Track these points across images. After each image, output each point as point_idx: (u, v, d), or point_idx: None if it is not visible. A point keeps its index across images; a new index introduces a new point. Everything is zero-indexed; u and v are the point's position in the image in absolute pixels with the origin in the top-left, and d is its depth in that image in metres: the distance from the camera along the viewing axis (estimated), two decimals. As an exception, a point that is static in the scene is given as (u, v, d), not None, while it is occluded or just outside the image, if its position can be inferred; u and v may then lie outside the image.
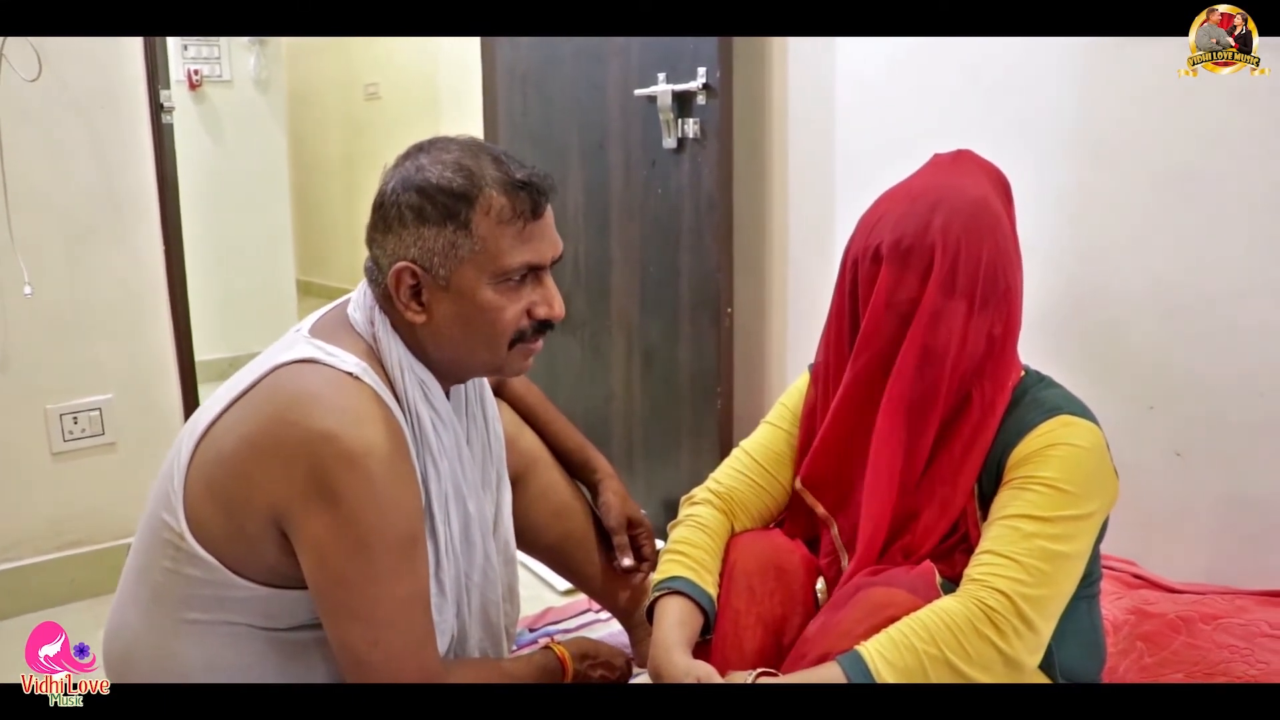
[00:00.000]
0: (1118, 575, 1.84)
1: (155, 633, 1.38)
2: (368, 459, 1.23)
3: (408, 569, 1.29)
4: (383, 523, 1.25)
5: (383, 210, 1.32)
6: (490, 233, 1.30)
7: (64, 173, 2.32)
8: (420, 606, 1.32)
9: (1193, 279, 1.78)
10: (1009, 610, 1.21)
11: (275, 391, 1.29)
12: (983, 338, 1.35)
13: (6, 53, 2.16)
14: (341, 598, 1.28)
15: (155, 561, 1.37)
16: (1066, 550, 1.27)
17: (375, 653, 1.28)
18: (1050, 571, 1.25)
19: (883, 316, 1.36)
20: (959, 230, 1.31)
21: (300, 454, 1.23)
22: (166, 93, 2.43)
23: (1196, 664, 1.58)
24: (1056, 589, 1.26)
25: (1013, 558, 1.25)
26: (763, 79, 2.50)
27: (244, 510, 1.29)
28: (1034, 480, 1.30)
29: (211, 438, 1.32)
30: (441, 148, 1.33)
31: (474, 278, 1.31)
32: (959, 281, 1.31)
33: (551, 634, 2.11)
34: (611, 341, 2.80)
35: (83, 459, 2.44)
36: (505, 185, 1.30)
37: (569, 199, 2.84)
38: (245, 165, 4.51)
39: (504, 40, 3.04)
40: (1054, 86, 1.93)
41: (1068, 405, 1.37)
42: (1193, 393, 1.80)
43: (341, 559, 1.25)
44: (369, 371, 1.31)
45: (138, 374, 2.47)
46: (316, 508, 1.24)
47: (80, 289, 2.38)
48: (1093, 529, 1.32)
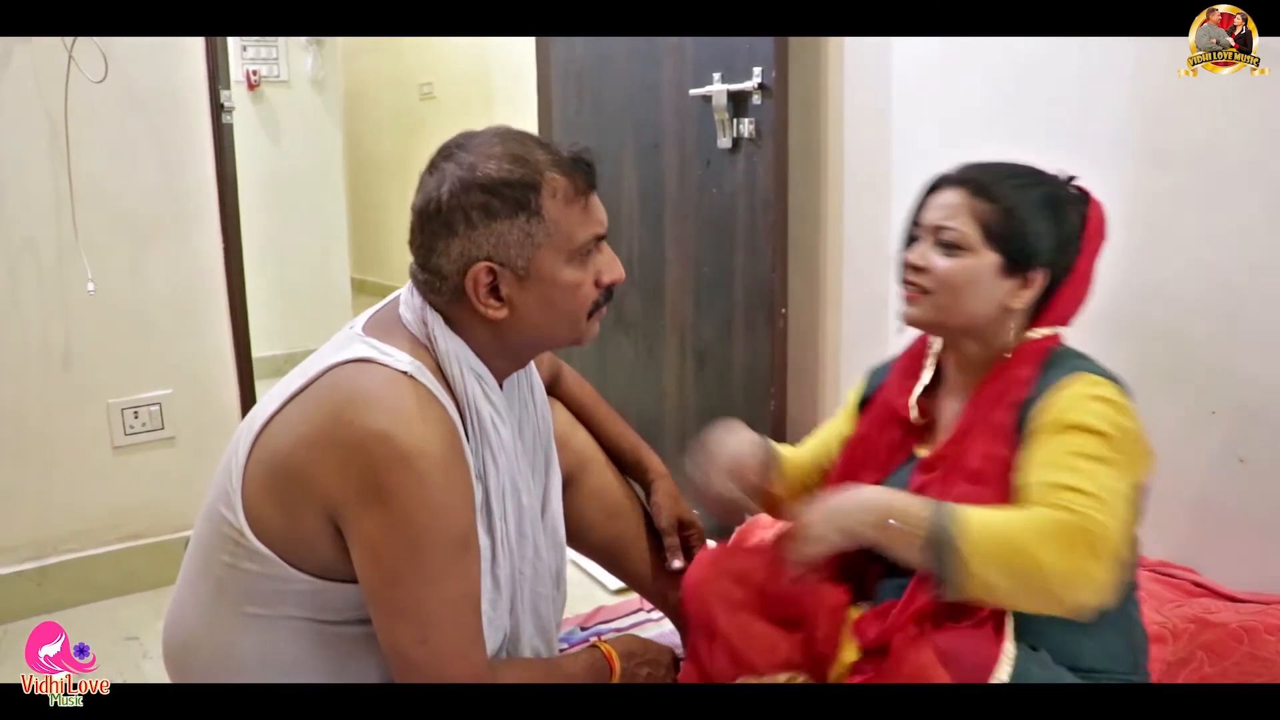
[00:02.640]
0: (1178, 583, 1.81)
1: (214, 626, 1.40)
2: (421, 459, 1.24)
3: (458, 570, 1.30)
4: (435, 523, 1.26)
5: (441, 215, 1.30)
6: (560, 214, 1.31)
7: (127, 172, 2.36)
8: (470, 607, 1.32)
9: (1257, 280, 1.74)
10: (1100, 531, 1.18)
11: (332, 391, 1.30)
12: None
13: (75, 54, 2.20)
14: (391, 597, 1.28)
15: (214, 556, 1.38)
16: (1124, 489, 1.24)
17: (423, 652, 1.28)
18: (1114, 505, 1.21)
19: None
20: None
21: (356, 453, 1.24)
22: (226, 93, 2.46)
23: (1260, 675, 1.55)
24: (1123, 525, 1.22)
25: (1081, 492, 1.21)
26: (818, 78, 2.49)
27: (300, 507, 1.30)
28: (1068, 428, 1.27)
29: (268, 435, 1.34)
30: (483, 144, 1.32)
31: (552, 259, 1.32)
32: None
33: (602, 633, 2.11)
34: (665, 341, 2.80)
35: (143, 453, 2.48)
36: (561, 165, 1.32)
37: (623, 199, 2.84)
38: (301, 164, 4.57)
39: (559, 40, 3.04)
40: (1113, 85, 1.90)
41: (1091, 367, 1.36)
42: (1256, 397, 1.77)
43: (393, 558, 1.26)
44: (423, 370, 1.31)
45: (197, 370, 2.51)
46: (370, 506, 1.25)
47: (141, 286, 2.42)
48: (1135, 476, 1.28)
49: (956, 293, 1.39)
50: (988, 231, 1.38)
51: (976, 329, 1.42)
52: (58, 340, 2.34)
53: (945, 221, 1.40)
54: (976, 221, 1.39)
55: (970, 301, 1.39)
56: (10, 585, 2.35)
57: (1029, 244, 1.38)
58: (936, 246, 1.41)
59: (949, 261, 1.39)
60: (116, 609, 2.42)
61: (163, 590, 2.37)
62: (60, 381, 2.36)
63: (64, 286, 2.32)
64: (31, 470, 2.37)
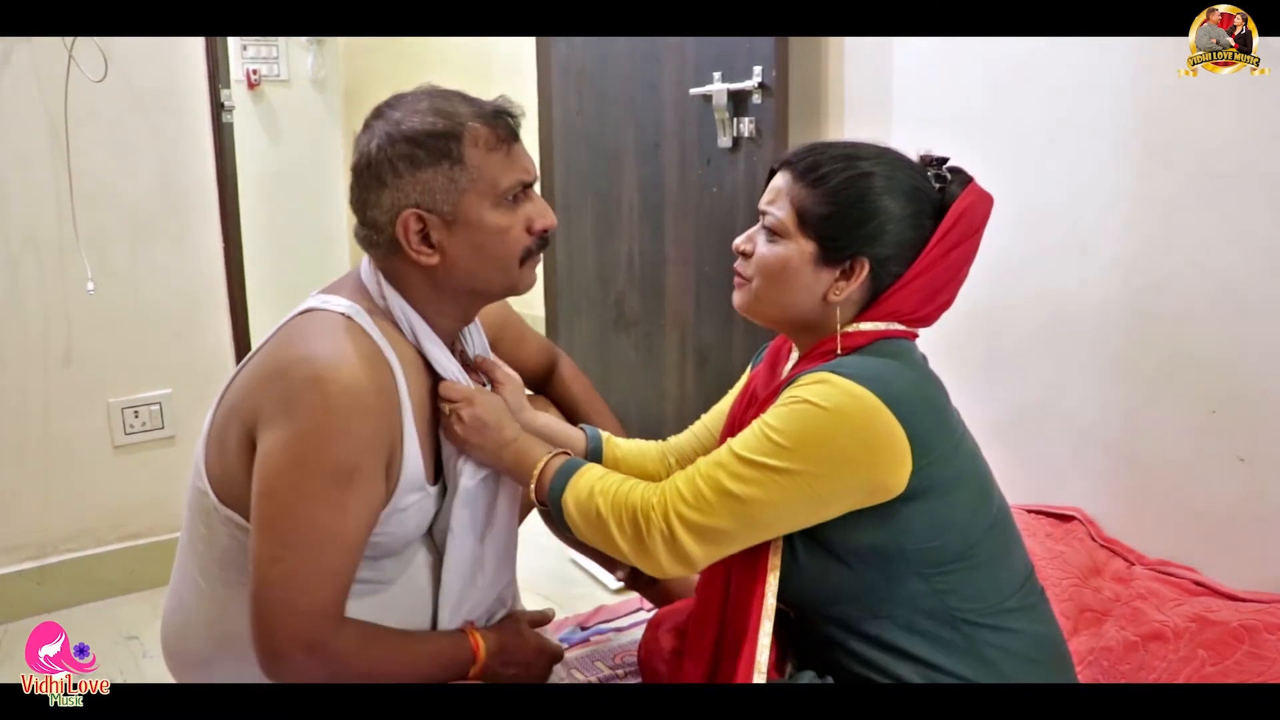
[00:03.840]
0: (1178, 582, 1.81)
1: (205, 604, 1.43)
2: (331, 384, 1.27)
3: (335, 501, 1.30)
4: (324, 446, 1.28)
5: (371, 169, 1.37)
6: (482, 160, 1.36)
7: (127, 171, 2.36)
8: (336, 546, 1.31)
9: (1257, 280, 1.74)
10: (661, 517, 1.27)
11: (273, 341, 1.39)
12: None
13: (75, 54, 2.20)
14: (266, 509, 1.29)
15: (196, 532, 1.42)
16: (739, 492, 1.24)
17: (276, 570, 1.28)
18: (714, 502, 1.25)
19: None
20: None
21: (280, 376, 1.31)
22: (227, 92, 2.46)
23: (1260, 674, 1.55)
24: (715, 521, 1.25)
25: (692, 476, 1.28)
26: (818, 78, 2.49)
27: (231, 440, 1.35)
28: (760, 421, 1.27)
29: (224, 397, 1.42)
30: (409, 101, 1.40)
31: (477, 204, 1.37)
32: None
33: (604, 631, 2.11)
34: (665, 340, 2.80)
35: (143, 452, 2.48)
36: (483, 116, 1.38)
37: (623, 198, 2.84)
38: (301, 163, 4.57)
39: (559, 39, 3.04)
40: (1113, 85, 1.90)
41: (844, 368, 1.25)
42: (1257, 396, 1.77)
43: (276, 471, 1.28)
44: (361, 313, 1.37)
45: (197, 369, 2.50)
46: (277, 422, 1.29)
47: (142, 286, 2.41)
48: (792, 487, 1.22)
49: (772, 281, 1.34)
50: (802, 218, 1.31)
51: (799, 319, 1.36)
52: (58, 340, 2.34)
53: (768, 206, 1.35)
54: (794, 207, 1.32)
55: (785, 291, 1.34)
56: (10, 585, 2.35)
57: (846, 232, 1.30)
58: (762, 232, 1.36)
59: (767, 248, 1.34)
60: (116, 608, 2.42)
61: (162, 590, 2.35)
62: (60, 381, 2.36)
63: (64, 286, 2.31)
64: (31, 470, 2.37)
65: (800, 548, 1.30)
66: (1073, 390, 2.06)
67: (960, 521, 1.28)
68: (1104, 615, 1.80)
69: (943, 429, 1.28)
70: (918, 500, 1.24)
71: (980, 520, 1.30)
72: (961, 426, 1.34)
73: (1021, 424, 2.17)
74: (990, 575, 1.31)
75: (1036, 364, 2.13)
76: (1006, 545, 1.35)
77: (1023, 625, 1.31)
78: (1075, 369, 2.05)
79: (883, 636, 1.29)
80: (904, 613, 1.28)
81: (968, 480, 1.30)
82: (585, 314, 3.14)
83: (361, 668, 1.33)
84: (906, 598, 1.27)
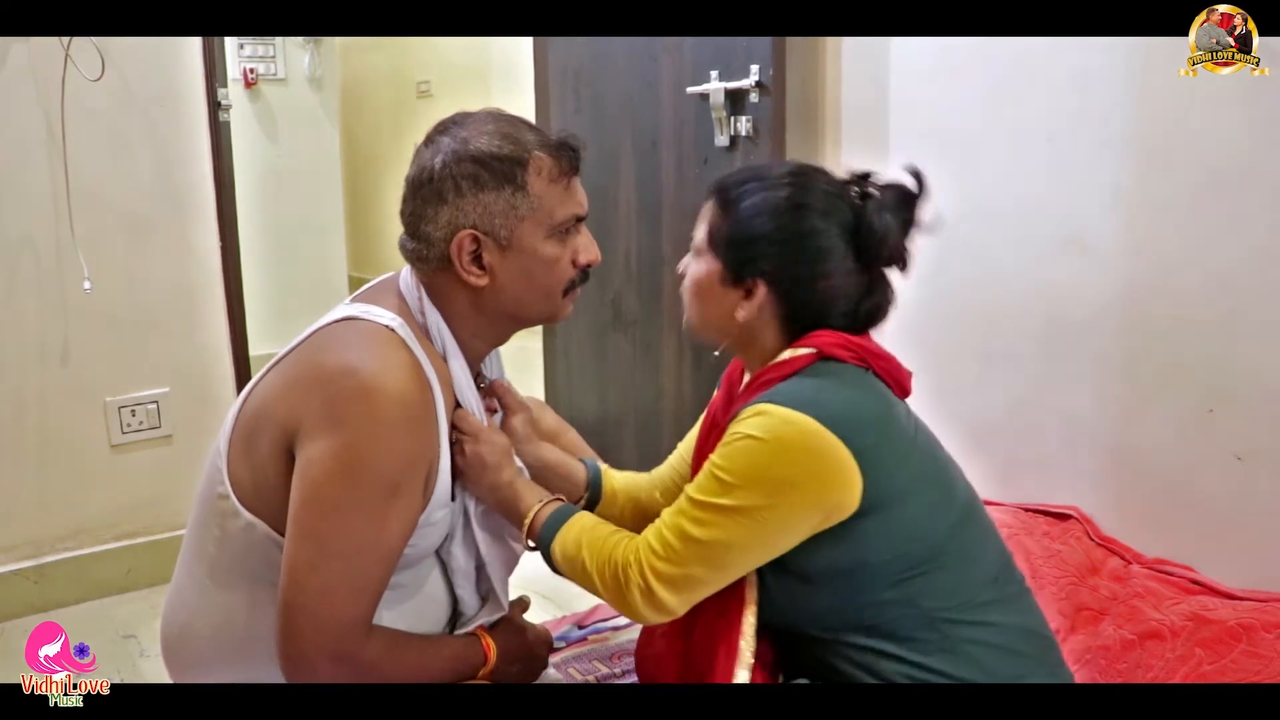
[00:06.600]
0: (1175, 580, 1.81)
1: (210, 606, 1.41)
2: (380, 396, 1.27)
3: (378, 513, 1.30)
4: (373, 459, 1.28)
5: (433, 184, 1.36)
6: (544, 190, 1.36)
7: (124, 171, 2.36)
8: (375, 557, 1.31)
9: (1255, 279, 1.75)
10: (636, 572, 1.29)
11: (312, 348, 1.37)
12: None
13: (72, 54, 2.20)
14: (306, 516, 1.28)
15: (207, 535, 1.41)
16: (701, 536, 1.26)
17: (313, 579, 1.28)
18: (681, 551, 1.27)
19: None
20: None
21: (323, 385, 1.29)
22: (224, 91, 2.46)
23: (1257, 673, 1.55)
24: (685, 569, 1.27)
25: (659, 528, 1.30)
26: (816, 77, 2.49)
27: (264, 449, 1.34)
28: (709, 462, 1.29)
29: (250, 400, 1.40)
30: (477, 122, 1.39)
31: (532, 232, 1.37)
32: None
33: (601, 630, 2.11)
34: (663, 340, 2.80)
35: (140, 451, 2.48)
36: (549, 147, 1.38)
37: (621, 197, 2.84)
38: (298, 162, 4.57)
39: (556, 39, 3.04)
40: (1111, 84, 1.90)
41: (779, 396, 1.27)
42: (1254, 395, 1.77)
43: (321, 479, 1.28)
44: (406, 328, 1.36)
45: (194, 368, 2.51)
46: (322, 432, 1.28)
47: (138, 285, 2.42)
48: (748, 522, 1.24)
49: (694, 299, 1.41)
50: (712, 237, 1.38)
51: (732, 338, 1.40)
52: (55, 339, 2.34)
53: (695, 228, 1.42)
54: (709, 227, 1.39)
55: (706, 309, 1.39)
56: (7, 584, 2.35)
57: (745, 251, 1.34)
58: (691, 253, 1.43)
59: (691, 268, 1.41)
60: (113, 607, 2.42)
61: (160, 588, 2.36)
62: (57, 380, 2.36)
63: (61, 285, 2.31)
64: (29, 469, 2.37)
65: (769, 576, 1.31)
66: (1071, 389, 2.06)
67: (921, 527, 1.29)
68: (1101, 614, 1.80)
69: (887, 441, 1.29)
70: (873, 514, 1.25)
71: (943, 521, 1.31)
72: (913, 431, 1.35)
73: (1020, 423, 2.17)
74: (960, 573, 1.32)
75: (1034, 362, 2.13)
76: (976, 539, 1.36)
77: (1000, 618, 1.32)
78: (1073, 367, 2.05)
79: (865, 645, 1.30)
80: (882, 621, 1.29)
81: (924, 485, 1.31)
82: (582, 313, 3.13)
83: (384, 675, 1.33)
84: (880, 607, 1.29)
